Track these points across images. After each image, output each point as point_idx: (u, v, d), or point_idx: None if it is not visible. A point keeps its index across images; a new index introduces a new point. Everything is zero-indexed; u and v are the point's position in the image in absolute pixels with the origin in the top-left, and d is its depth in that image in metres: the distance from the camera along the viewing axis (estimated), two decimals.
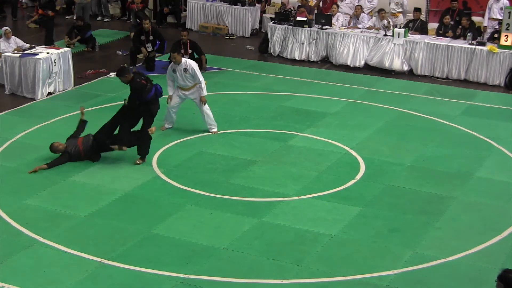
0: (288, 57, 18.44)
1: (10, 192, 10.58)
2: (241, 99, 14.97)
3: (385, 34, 17.41)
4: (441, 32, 17.48)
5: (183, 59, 12.80)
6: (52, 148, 11.60)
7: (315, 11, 19.32)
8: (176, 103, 12.95)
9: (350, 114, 14.24)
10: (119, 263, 8.73)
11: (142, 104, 11.62)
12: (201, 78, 12.78)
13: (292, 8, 19.80)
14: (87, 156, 11.65)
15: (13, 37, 16.00)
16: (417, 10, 18.39)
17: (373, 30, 17.92)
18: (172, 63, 12.84)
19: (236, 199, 10.51)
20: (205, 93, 12.80)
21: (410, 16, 18.69)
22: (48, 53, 15.14)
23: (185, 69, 12.67)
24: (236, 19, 20.91)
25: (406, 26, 17.95)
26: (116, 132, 11.69)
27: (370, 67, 17.55)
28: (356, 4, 19.21)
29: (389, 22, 17.84)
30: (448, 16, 17.71)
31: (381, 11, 18.25)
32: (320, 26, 18.10)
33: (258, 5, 21.32)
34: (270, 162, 11.83)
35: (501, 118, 14.20)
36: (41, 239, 9.26)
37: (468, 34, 16.95)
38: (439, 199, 10.63)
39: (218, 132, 12.98)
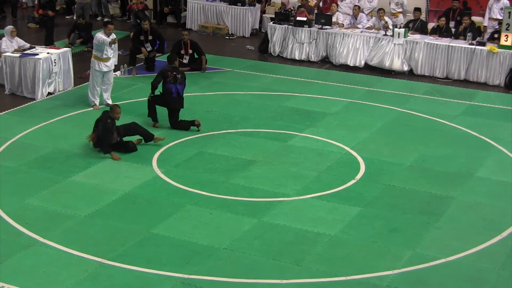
0: (288, 57, 18.45)
1: (10, 192, 10.58)
2: (241, 99, 14.97)
3: (385, 34, 17.41)
4: (436, 34, 17.46)
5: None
6: (114, 111, 11.95)
7: (315, 11, 19.32)
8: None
9: (350, 114, 14.25)
10: (119, 263, 8.73)
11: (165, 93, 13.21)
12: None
13: (292, 8, 19.80)
14: (119, 137, 12.09)
15: (15, 37, 15.99)
16: (417, 10, 18.40)
17: (373, 30, 17.92)
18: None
19: (236, 199, 10.51)
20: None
21: (411, 16, 18.69)
22: (48, 53, 15.14)
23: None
24: (236, 19, 20.91)
25: (406, 26, 17.95)
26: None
27: (370, 67, 17.55)
28: (355, 4, 19.21)
29: (386, 22, 17.84)
30: (443, 18, 17.71)
31: (380, 10, 18.26)
32: (320, 26, 18.10)
33: (258, 5, 21.33)
34: (270, 162, 11.83)
35: (501, 118, 14.21)
36: (41, 239, 9.26)
37: (468, 34, 16.95)
38: (439, 199, 10.63)
39: (218, 132, 12.96)
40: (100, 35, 13.89)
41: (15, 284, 8.27)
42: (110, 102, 14.20)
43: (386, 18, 18.08)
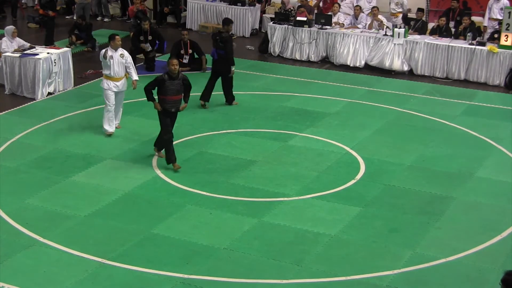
0: (288, 57, 18.44)
1: (10, 192, 10.58)
2: (241, 99, 14.97)
3: (385, 34, 17.41)
4: (436, 35, 17.46)
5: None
6: (170, 63, 11.34)
7: (315, 11, 19.32)
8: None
9: (350, 114, 14.25)
10: (119, 263, 8.73)
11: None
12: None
13: (292, 8, 19.80)
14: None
15: (16, 37, 16.00)
16: (420, 10, 18.42)
17: (373, 30, 17.92)
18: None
19: (236, 199, 10.51)
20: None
21: (413, 15, 18.65)
22: (48, 53, 15.14)
23: (122, 54, 12.82)
24: (236, 19, 20.89)
25: (407, 22, 17.89)
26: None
27: (370, 67, 17.55)
28: (355, 4, 19.21)
29: (381, 22, 17.83)
30: (443, 18, 17.71)
31: (373, 8, 18.24)
32: (320, 26, 18.10)
33: (258, 5, 21.33)
34: (270, 162, 11.83)
35: (501, 118, 14.20)
36: (41, 239, 9.26)
37: (468, 34, 16.95)
38: (439, 199, 10.63)
39: (218, 132, 12.97)
40: (102, 50, 12.79)
41: (15, 284, 8.26)
42: (111, 130, 12.92)
43: (381, 17, 18.07)
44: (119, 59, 12.69)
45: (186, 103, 11.55)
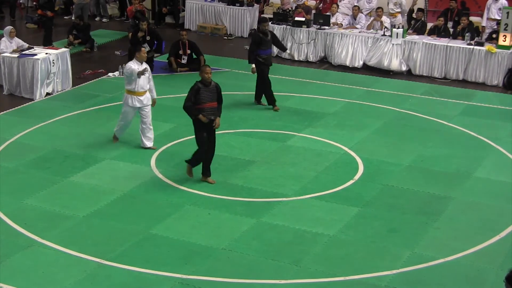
0: (287, 57, 18.44)
1: (8, 193, 10.58)
2: (240, 99, 14.97)
3: (384, 34, 17.41)
4: (434, 35, 17.46)
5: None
6: (203, 71, 10.73)
7: (314, 11, 19.32)
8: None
9: (348, 114, 14.25)
10: (117, 264, 8.73)
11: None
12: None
13: (290, 9, 19.80)
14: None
15: (14, 37, 15.99)
16: (420, 10, 18.43)
17: (371, 30, 17.93)
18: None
19: (235, 199, 10.51)
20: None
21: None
22: (46, 53, 15.14)
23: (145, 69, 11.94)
24: (234, 19, 20.91)
25: (408, 21, 17.87)
26: None
27: (369, 67, 17.56)
28: (354, 4, 19.21)
29: (382, 23, 17.85)
30: (442, 18, 17.73)
31: (377, 9, 18.23)
32: (319, 26, 18.10)
33: (256, 5, 21.33)
34: (268, 162, 11.83)
35: (500, 118, 14.21)
36: (40, 240, 9.26)
37: (467, 34, 16.96)
38: (437, 199, 10.64)
39: (217, 132, 12.94)
40: (130, 65, 11.80)
41: (14, 285, 8.26)
42: (150, 145, 12.23)
43: (384, 18, 18.08)
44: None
45: (219, 116, 10.89)
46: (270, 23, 18.86)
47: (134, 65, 11.78)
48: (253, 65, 14.31)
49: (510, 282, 5.94)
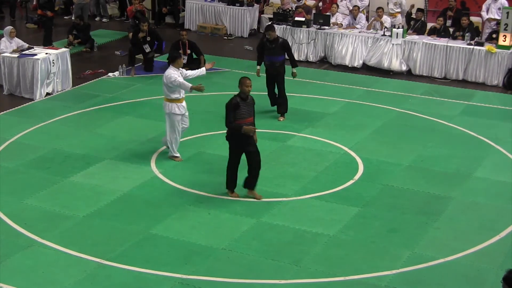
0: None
1: (8, 193, 10.58)
2: None
3: (384, 34, 17.41)
4: (434, 35, 17.46)
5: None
6: (243, 84, 10.44)
7: (314, 11, 19.31)
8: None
9: (348, 114, 14.25)
10: (117, 264, 8.73)
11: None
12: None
13: (290, 9, 19.80)
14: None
15: (14, 37, 15.99)
16: (420, 10, 18.41)
17: (371, 30, 17.93)
18: None
19: (235, 199, 10.51)
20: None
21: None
22: (46, 53, 15.14)
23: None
24: (234, 19, 20.90)
25: (408, 20, 17.85)
26: None
27: (369, 67, 17.55)
28: (354, 4, 19.21)
29: (382, 23, 17.84)
30: (441, 18, 17.72)
31: (378, 9, 18.21)
32: (319, 26, 18.10)
33: (256, 5, 21.32)
34: (268, 162, 11.82)
35: (500, 118, 14.21)
36: (40, 240, 9.26)
37: (467, 34, 16.96)
38: (437, 199, 10.64)
39: (217, 132, 12.96)
40: (173, 75, 11.28)
41: (14, 285, 8.26)
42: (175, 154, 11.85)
43: (384, 17, 18.07)
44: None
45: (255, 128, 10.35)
46: (270, 22, 18.90)
47: (175, 73, 11.34)
48: (258, 67, 14.29)
49: (507, 283, 5.95)
